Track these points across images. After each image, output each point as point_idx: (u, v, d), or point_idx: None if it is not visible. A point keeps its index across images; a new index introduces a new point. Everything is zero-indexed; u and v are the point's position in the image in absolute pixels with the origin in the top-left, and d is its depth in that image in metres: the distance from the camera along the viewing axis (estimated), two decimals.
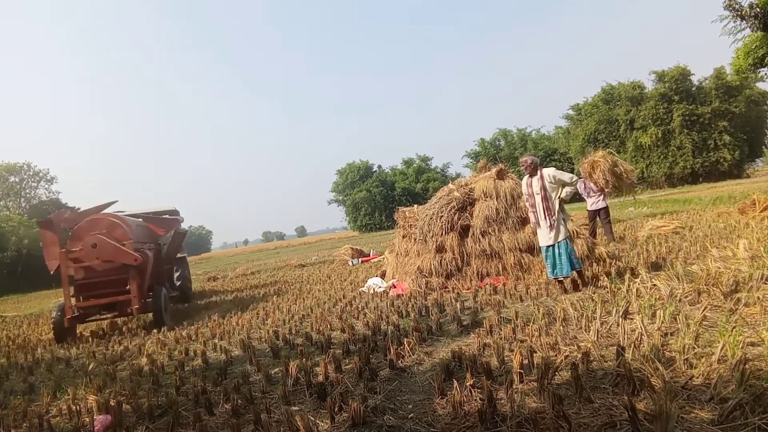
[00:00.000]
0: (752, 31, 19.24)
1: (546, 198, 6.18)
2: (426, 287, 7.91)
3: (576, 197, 8.60)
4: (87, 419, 3.81)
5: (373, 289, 9.00)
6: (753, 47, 20.12)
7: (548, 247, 6.26)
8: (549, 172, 6.22)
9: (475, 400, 3.08)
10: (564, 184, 6.18)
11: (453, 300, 6.82)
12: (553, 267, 6.24)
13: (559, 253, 6.17)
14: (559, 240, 6.15)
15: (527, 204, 6.49)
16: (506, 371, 3.51)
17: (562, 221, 6.18)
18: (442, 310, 6.29)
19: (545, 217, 6.19)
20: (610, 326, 4.27)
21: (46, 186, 64.47)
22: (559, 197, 6.18)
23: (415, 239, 8.97)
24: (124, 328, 9.28)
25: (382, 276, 10.29)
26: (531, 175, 6.34)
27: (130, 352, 6.56)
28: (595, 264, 7.67)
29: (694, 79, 46.19)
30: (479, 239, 8.11)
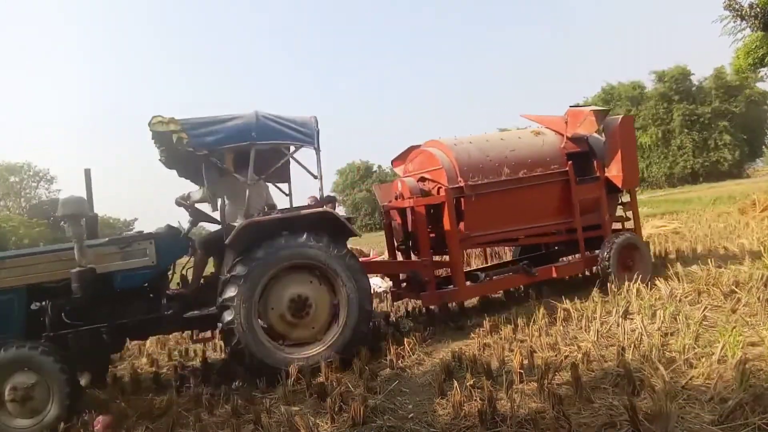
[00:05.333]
0: (752, 31, 19.18)
1: None
2: None
3: None
4: (87, 419, 3.81)
5: (373, 290, 8.98)
6: (753, 47, 20.04)
7: None
8: None
9: (475, 400, 3.08)
10: None
11: None
12: None
13: None
14: None
15: None
16: (506, 371, 3.50)
17: None
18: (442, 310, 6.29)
19: None
20: (610, 326, 4.27)
21: (46, 186, 64.34)
22: None
23: None
24: None
25: (383, 276, 10.27)
26: None
27: (130, 352, 6.56)
28: None
29: (694, 79, 46.15)
30: None
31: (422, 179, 5.76)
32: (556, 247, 6.69)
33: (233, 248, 4.35)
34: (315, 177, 4.77)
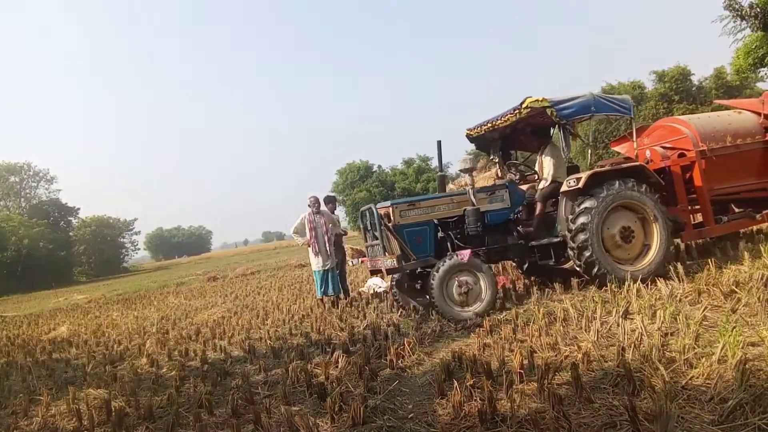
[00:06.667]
0: (752, 30, 19.21)
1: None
2: None
3: None
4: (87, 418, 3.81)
5: (373, 289, 9.00)
6: (753, 47, 20.06)
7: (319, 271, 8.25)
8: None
9: (475, 400, 3.08)
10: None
11: None
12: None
13: (332, 276, 8.26)
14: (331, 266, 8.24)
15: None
16: (506, 371, 3.50)
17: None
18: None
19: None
20: (610, 326, 4.27)
21: (46, 186, 64.39)
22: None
23: None
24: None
25: (382, 276, 10.27)
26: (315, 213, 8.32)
27: (130, 352, 6.57)
28: None
29: (695, 79, 46.14)
30: None
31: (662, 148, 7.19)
32: (736, 209, 7.64)
33: (579, 193, 5.75)
34: (632, 140, 6.69)
